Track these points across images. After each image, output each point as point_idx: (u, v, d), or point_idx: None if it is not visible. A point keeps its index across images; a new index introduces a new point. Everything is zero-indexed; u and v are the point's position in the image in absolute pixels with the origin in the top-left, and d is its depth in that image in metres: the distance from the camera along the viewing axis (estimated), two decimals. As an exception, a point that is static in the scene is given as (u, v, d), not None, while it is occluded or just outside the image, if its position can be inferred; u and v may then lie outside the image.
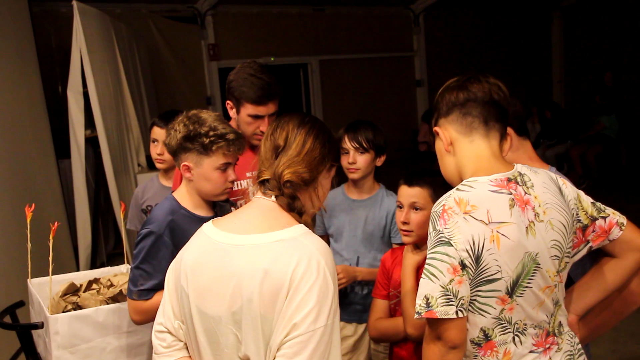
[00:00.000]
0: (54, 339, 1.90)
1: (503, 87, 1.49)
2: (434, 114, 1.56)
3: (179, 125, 1.83)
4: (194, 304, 1.34)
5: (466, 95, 1.46)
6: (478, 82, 1.47)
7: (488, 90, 1.46)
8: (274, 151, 1.41)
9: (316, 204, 1.44)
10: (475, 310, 1.38)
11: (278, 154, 1.40)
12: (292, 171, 1.36)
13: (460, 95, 1.47)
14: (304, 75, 9.30)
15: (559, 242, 1.43)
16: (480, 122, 1.46)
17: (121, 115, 4.98)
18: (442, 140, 1.52)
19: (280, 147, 1.40)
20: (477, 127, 1.46)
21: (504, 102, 1.48)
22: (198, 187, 1.86)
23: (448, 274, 1.31)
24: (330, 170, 1.47)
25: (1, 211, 3.46)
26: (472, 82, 1.48)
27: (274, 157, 1.40)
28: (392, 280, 2.02)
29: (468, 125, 1.47)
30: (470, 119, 1.46)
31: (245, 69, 2.20)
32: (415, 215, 1.89)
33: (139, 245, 1.81)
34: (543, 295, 1.41)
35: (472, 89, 1.46)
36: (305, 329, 1.21)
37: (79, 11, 4.09)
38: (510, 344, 1.41)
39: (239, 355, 1.30)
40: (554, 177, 1.52)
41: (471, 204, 1.35)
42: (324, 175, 1.44)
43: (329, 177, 1.48)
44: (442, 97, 1.52)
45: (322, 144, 1.42)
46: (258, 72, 2.17)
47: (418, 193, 1.89)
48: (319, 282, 1.23)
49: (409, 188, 1.91)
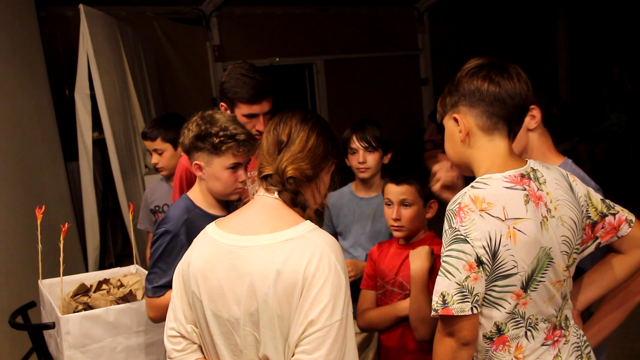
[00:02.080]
0: (66, 339, 1.92)
1: (529, 84, 1.46)
2: (453, 94, 1.49)
3: (192, 125, 1.86)
4: (208, 308, 1.35)
5: (496, 93, 1.41)
6: (509, 78, 1.42)
7: (519, 93, 1.42)
8: (276, 146, 1.40)
9: (317, 200, 1.44)
10: (490, 304, 1.38)
11: (281, 149, 1.39)
12: (295, 167, 1.36)
13: (490, 89, 1.41)
14: (309, 75, 9.30)
15: (569, 238, 1.43)
16: (504, 124, 1.44)
17: (128, 117, 5.00)
18: (459, 127, 1.48)
19: (284, 142, 1.40)
20: (500, 128, 1.44)
21: (529, 102, 1.46)
22: (209, 186, 1.89)
23: (464, 271, 1.32)
24: (332, 167, 1.48)
25: (10, 213, 3.49)
26: (503, 77, 1.42)
27: (276, 152, 1.40)
28: (379, 271, 2.10)
29: (492, 126, 1.44)
30: (496, 119, 1.43)
31: (236, 69, 2.22)
32: (406, 210, 2.00)
33: (155, 244, 1.83)
34: (554, 290, 1.42)
35: (504, 86, 1.41)
36: (322, 324, 1.23)
37: (85, 14, 4.12)
38: (522, 339, 1.41)
39: (258, 356, 1.30)
40: (565, 174, 1.52)
41: (487, 201, 1.35)
42: (325, 172, 1.45)
43: (329, 173, 1.48)
44: (468, 82, 1.44)
45: (325, 141, 1.42)
46: (250, 71, 2.19)
47: (406, 190, 2.00)
48: (331, 277, 1.25)
49: (397, 186, 2.01)
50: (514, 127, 1.46)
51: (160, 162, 2.83)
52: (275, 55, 8.35)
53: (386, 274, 2.08)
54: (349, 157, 2.47)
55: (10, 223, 3.46)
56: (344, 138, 2.48)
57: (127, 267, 2.50)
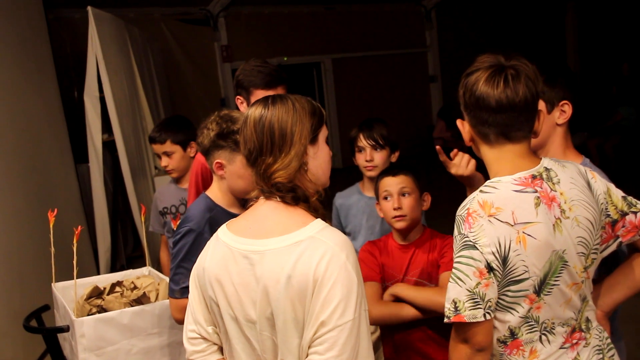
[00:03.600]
0: (80, 342, 1.92)
1: (539, 79, 1.38)
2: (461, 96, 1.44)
3: (211, 124, 1.84)
4: (226, 312, 1.34)
5: (499, 98, 1.34)
6: (517, 79, 1.34)
7: (522, 95, 1.34)
8: (247, 159, 1.37)
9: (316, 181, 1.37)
10: (503, 308, 1.36)
11: (254, 159, 1.34)
12: (276, 175, 1.32)
13: (492, 93, 1.34)
14: (317, 74, 9.30)
15: (585, 239, 1.40)
16: (504, 131, 1.38)
17: (137, 118, 5.01)
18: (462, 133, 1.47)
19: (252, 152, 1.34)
20: (501, 136, 1.39)
21: (537, 99, 1.39)
22: (230, 185, 1.87)
23: (474, 278, 1.31)
24: (315, 142, 1.36)
25: (23, 216, 3.50)
26: (507, 78, 1.34)
27: (249, 163, 1.36)
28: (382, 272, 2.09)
29: (492, 135, 1.39)
30: (494, 129, 1.38)
31: (250, 63, 2.30)
32: (406, 199, 2.03)
33: (178, 244, 1.81)
34: (570, 292, 1.39)
35: (507, 91, 1.33)
36: (333, 324, 1.21)
37: (94, 16, 4.12)
38: (537, 343, 1.39)
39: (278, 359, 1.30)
40: (583, 171, 1.48)
41: (495, 206, 1.33)
42: (312, 151, 1.35)
43: (318, 147, 1.37)
44: (474, 85, 1.38)
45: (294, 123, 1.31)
46: (263, 63, 2.29)
47: (403, 180, 2.05)
48: (341, 277, 1.23)
49: (394, 177, 2.06)
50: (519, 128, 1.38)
51: (170, 165, 2.83)
52: (283, 54, 8.36)
53: (392, 275, 2.07)
54: (356, 155, 2.46)
55: (22, 226, 3.48)
56: (351, 137, 2.48)
57: (139, 269, 2.49)
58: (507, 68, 1.36)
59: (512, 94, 1.34)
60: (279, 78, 2.25)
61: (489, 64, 1.38)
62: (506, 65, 1.37)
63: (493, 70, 1.37)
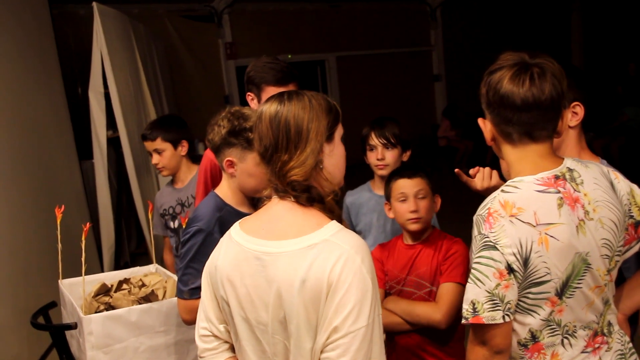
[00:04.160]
0: (88, 339, 1.90)
1: (564, 77, 1.35)
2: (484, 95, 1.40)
3: (222, 121, 1.81)
4: (237, 314, 1.32)
5: (524, 97, 1.31)
6: (543, 77, 1.31)
7: (548, 93, 1.31)
8: (262, 156, 1.33)
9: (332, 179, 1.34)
10: (524, 310, 1.34)
11: (269, 156, 1.31)
12: (292, 173, 1.28)
13: (518, 91, 1.31)
14: (321, 72, 9.28)
15: (610, 240, 1.37)
16: (528, 130, 1.35)
17: (142, 115, 4.99)
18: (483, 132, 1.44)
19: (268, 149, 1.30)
20: (524, 135, 1.36)
21: (563, 98, 1.35)
22: (241, 183, 1.84)
23: (494, 279, 1.28)
24: (331, 140, 1.33)
25: (29, 213, 3.48)
26: (532, 76, 1.31)
27: (265, 160, 1.33)
28: (386, 272, 2.09)
29: (515, 134, 1.36)
30: (518, 128, 1.35)
31: (260, 60, 2.28)
32: (422, 202, 2.03)
33: (187, 244, 1.78)
34: (593, 295, 1.36)
35: (533, 89, 1.30)
36: (346, 330, 1.18)
37: (99, 12, 4.10)
38: (559, 346, 1.37)
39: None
40: (606, 172, 1.45)
41: (517, 206, 1.30)
42: (327, 149, 1.32)
43: (334, 145, 1.34)
44: (498, 83, 1.34)
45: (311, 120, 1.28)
46: (274, 59, 2.28)
47: (419, 182, 2.05)
48: (356, 282, 1.20)
49: (411, 180, 2.06)
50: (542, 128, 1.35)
51: (160, 162, 2.80)
52: (287, 52, 8.34)
53: (396, 275, 2.06)
54: (368, 154, 2.44)
55: (27, 223, 3.46)
56: (362, 135, 2.46)
57: (146, 266, 2.47)
58: (532, 66, 1.33)
59: (538, 92, 1.31)
60: (291, 75, 2.23)
61: (513, 61, 1.35)
62: (531, 63, 1.34)
63: (518, 68, 1.34)
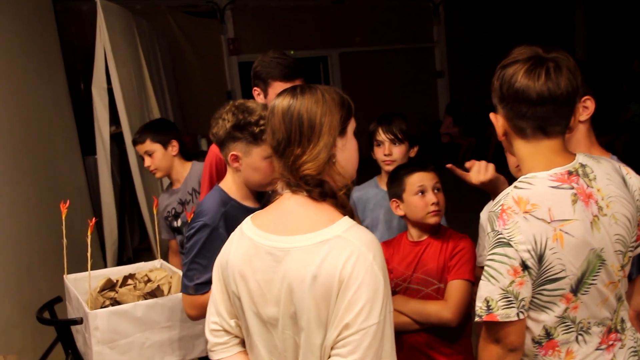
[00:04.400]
0: (94, 334, 1.89)
1: (578, 72, 1.33)
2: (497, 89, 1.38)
3: (227, 115, 1.79)
4: (248, 308, 1.31)
5: (540, 91, 1.29)
6: (559, 71, 1.30)
7: (564, 88, 1.30)
8: (275, 150, 1.32)
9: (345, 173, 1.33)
10: (538, 307, 1.33)
11: (282, 150, 1.30)
12: (305, 167, 1.27)
13: (533, 85, 1.29)
14: (323, 68, 9.27)
15: (623, 236, 1.36)
16: (542, 125, 1.33)
17: (145, 111, 4.98)
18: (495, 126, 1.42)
19: (281, 143, 1.29)
20: (538, 130, 1.34)
21: (578, 93, 1.34)
22: (246, 177, 1.82)
23: (508, 276, 1.27)
24: (344, 134, 1.32)
25: (30, 208, 3.48)
26: (548, 70, 1.30)
27: (278, 155, 1.32)
28: (391, 270, 2.06)
29: (528, 129, 1.34)
30: (532, 122, 1.33)
31: (268, 55, 2.26)
32: (439, 194, 2.02)
33: (192, 239, 1.76)
34: (607, 292, 1.35)
35: (549, 84, 1.29)
36: (357, 327, 1.18)
37: (102, 7, 4.10)
38: (574, 344, 1.35)
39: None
40: (617, 167, 1.44)
41: (531, 202, 1.28)
42: (340, 143, 1.31)
43: (347, 139, 1.33)
44: (512, 77, 1.32)
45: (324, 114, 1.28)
46: (281, 54, 2.26)
47: (435, 175, 2.05)
48: (367, 279, 1.19)
49: (427, 173, 2.04)
50: (557, 123, 1.34)
51: (152, 164, 2.78)
52: (289, 48, 8.30)
53: (401, 272, 2.04)
54: (375, 149, 2.43)
55: (31, 218, 3.46)
56: (369, 130, 2.44)
57: (151, 262, 2.47)
58: (548, 60, 1.32)
59: (554, 86, 1.29)
60: (298, 70, 2.21)
61: (527, 55, 1.34)
62: (546, 57, 1.32)
63: (533, 62, 1.32)
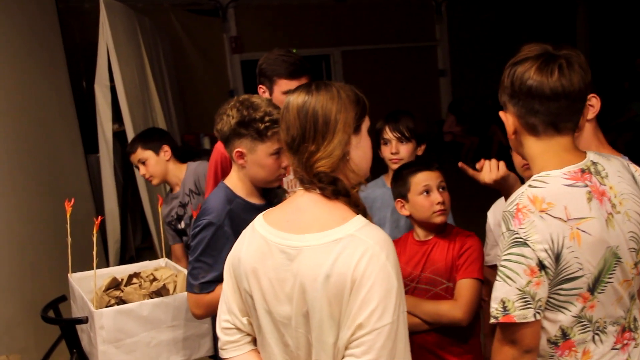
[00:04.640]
0: (100, 333, 1.88)
1: (589, 70, 1.32)
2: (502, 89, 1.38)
3: (231, 111, 1.77)
4: (260, 306, 1.30)
5: (554, 87, 1.28)
6: (571, 68, 1.29)
7: (577, 84, 1.29)
8: (289, 146, 1.31)
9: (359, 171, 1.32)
10: (554, 307, 1.31)
11: (296, 146, 1.29)
12: (319, 164, 1.26)
13: (546, 81, 1.28)
14: (326, 66, 9.25)
15: (636, 233, 1.35)
16: (554, 121, 1.32)
17: (147, 109, 4.97)
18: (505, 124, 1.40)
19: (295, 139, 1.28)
20: (550, 126, 1.33)
21: (589, 90, 1.34)
22: (251, 174, 1.81)
23: (525, 276, 1.25)
24: (358, 131, 1.32)
25: (33, 206, 3.47)
26: (561, 66, 1.29)
27: (292, 151, 1.30)
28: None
29: (540, 125, 1.33)
30: (544, 118, 1.31)
31: (273, 53, 2.26)
32: (445, 193, 2.00)
33: (197, 237, 1.75)
34: (622, 290, 1.34)
35: (562, 80, 1.28)
36: (370, 327, 1.17)
37: (105, 5, 4.09)
38: (590, 343, 1.34)
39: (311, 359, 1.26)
40: (626, 164, 1.44)
41: (547, 201, 1.27)
42: (354, 141, 1.30)
43: (361, 137, 1.33)
44: (524, 74, 1.31)
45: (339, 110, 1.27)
46: (287, 52, 2.26)
47: (439, 174, 2.02)
48: (380, 278, 1.18)
49: (432, 172, 2.02)
50: (568, 120, 1.33)
51: (147, 172, 2.77)
52: (292, 46, 8.28)
53: (409, 272, 2.03)
54: (382, 147, 2.41)
55: (34, 217, 3.45)
56: (376, 128, 2.43)
57: (155, 260, 2.46)
58: (559, 57, 1.31)
59: (567, 82, 1.28)
60: (304, 68, 2.21)
61: (538, 52, 1.33)
62: (557, 54, 1.32)
63: (545, 59, 1.31)
